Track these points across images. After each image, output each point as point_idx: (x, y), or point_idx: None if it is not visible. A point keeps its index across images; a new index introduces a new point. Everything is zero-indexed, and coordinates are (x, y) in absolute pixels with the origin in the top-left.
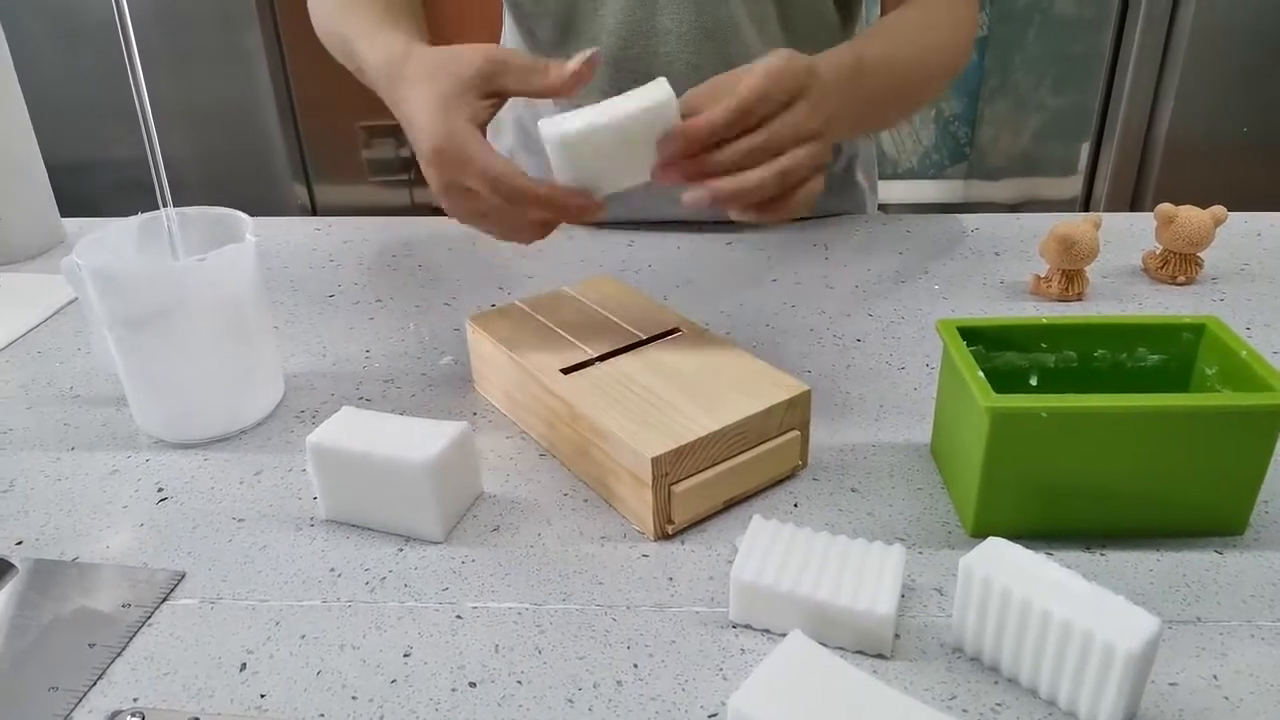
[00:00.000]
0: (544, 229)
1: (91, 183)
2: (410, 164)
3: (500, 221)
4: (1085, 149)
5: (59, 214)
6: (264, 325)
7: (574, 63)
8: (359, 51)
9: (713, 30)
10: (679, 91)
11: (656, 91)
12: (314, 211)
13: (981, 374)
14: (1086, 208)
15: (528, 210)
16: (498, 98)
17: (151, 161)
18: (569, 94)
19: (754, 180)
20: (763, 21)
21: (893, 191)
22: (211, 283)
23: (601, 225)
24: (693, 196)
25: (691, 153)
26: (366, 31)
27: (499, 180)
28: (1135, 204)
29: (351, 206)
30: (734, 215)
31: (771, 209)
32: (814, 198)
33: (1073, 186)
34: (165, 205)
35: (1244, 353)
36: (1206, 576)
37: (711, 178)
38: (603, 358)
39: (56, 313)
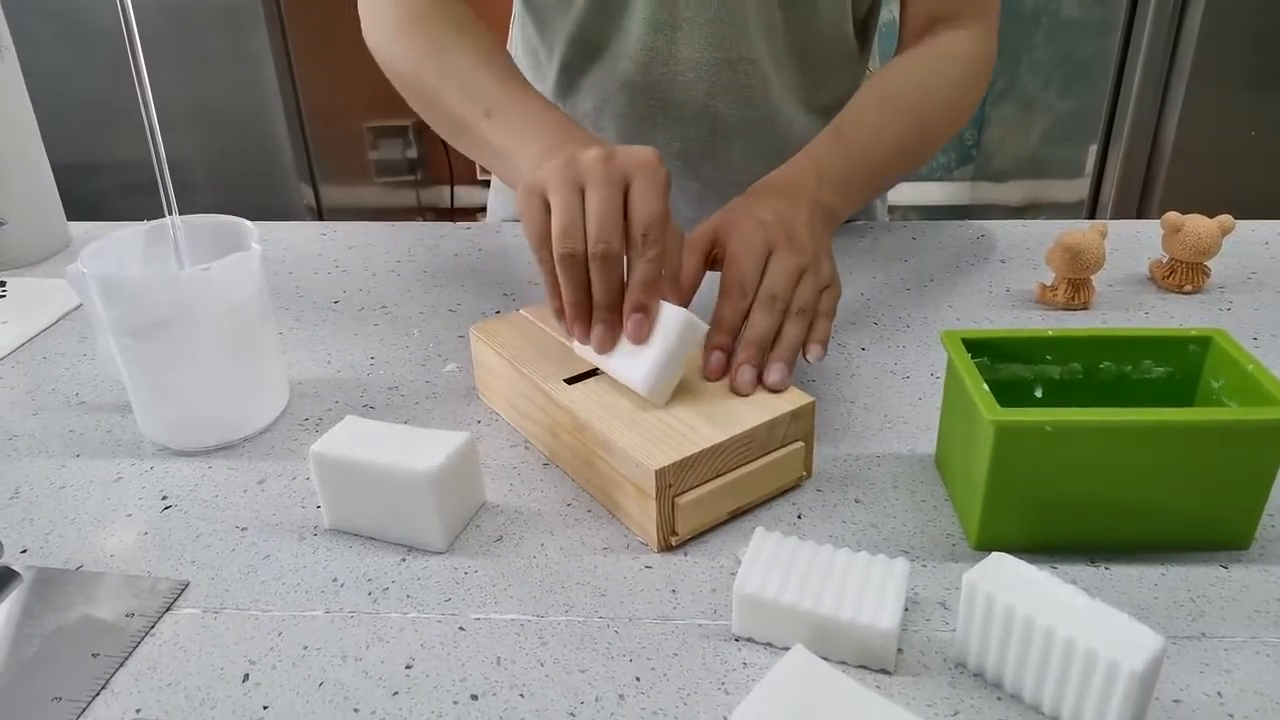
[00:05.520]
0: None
1: (99, 183)
2: (416, 165)
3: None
4: (1093, 152)
5: (65, 218)
6: (269, 333)
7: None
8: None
9: (732, 62)
10: (697, 124)
11: (687, 324)
12: (320, 212)
13: (986, 387)
14: (1094, 210)
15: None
16: None
17: (157, 170)
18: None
19: (787, 336)
20: (779, 56)
21: (899, 194)
22: (216, 291)
23: None
24: (745, 381)
25: (725, 347)
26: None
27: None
28: (1143, 206)
29: (358, 207)
30: (778, 377)
31: (807, 342)
32: (833, 310)
33: (1080, 189)
34: (171, 213)
35: (1250, 366)
36: (1211, 591)
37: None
38: None
39: (62, 318)
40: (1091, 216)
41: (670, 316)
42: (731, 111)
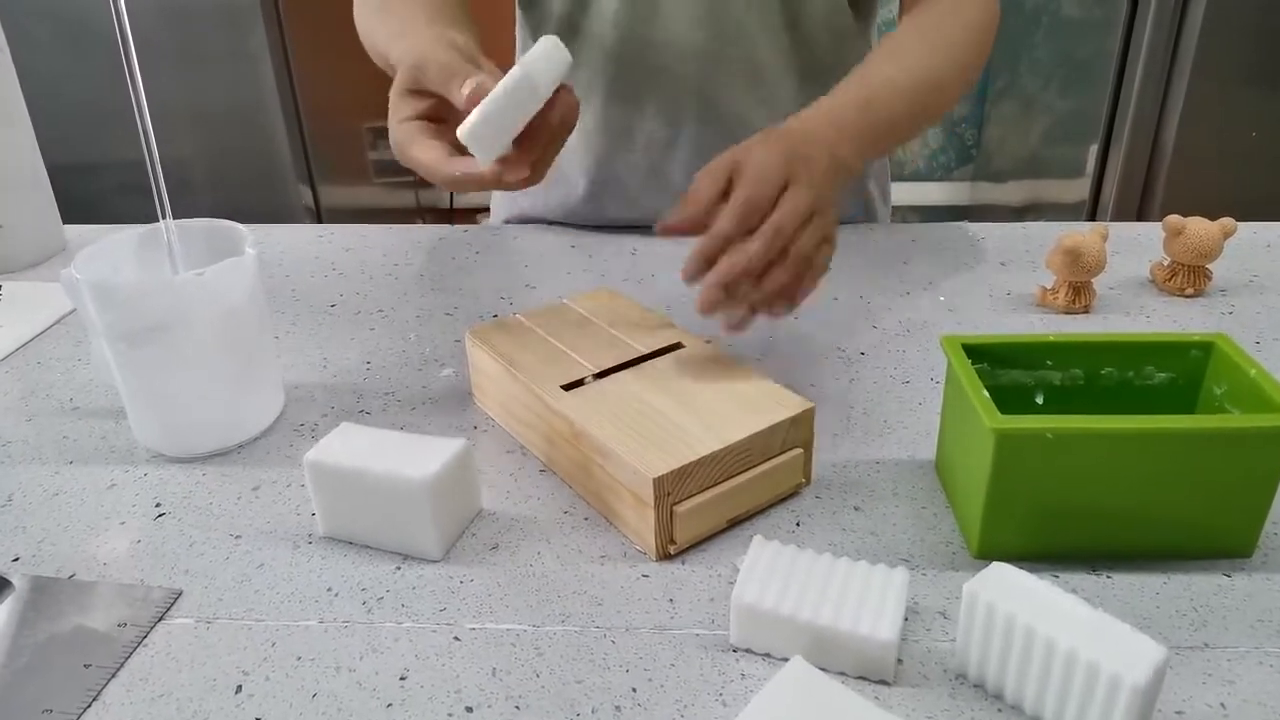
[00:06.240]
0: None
1: (98, 183)
2: None
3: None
4: (1093, 152)
5: (61, 221)
6: (264, 338)
7: (467, 87)
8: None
9: (718, 34)
10: (686, 95)
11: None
12: (318, 213)
13: (986, 393)
14: (1095, 210)
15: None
16: (433, 97)
17: (151, 173)
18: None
19: (771, 275)
20: (770, 26)
21: (899, 194)
22: (211, 296)
23: (604, 229)
24: (709, 301)
25: (712, 258)
26: (394, 36)
27: (430, 172)
28: (1144, 207)
29: (356, 208)
30: (739, 322)
31: (789, 293)
32: (823, 269)
33: (1080, 189)
34: (165, 218)
35: (1253, 372)
36: (1214, 600)
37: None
38: (604, 374)
39: (57, 322)
40: (1092, 217)
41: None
42: (722, 81)
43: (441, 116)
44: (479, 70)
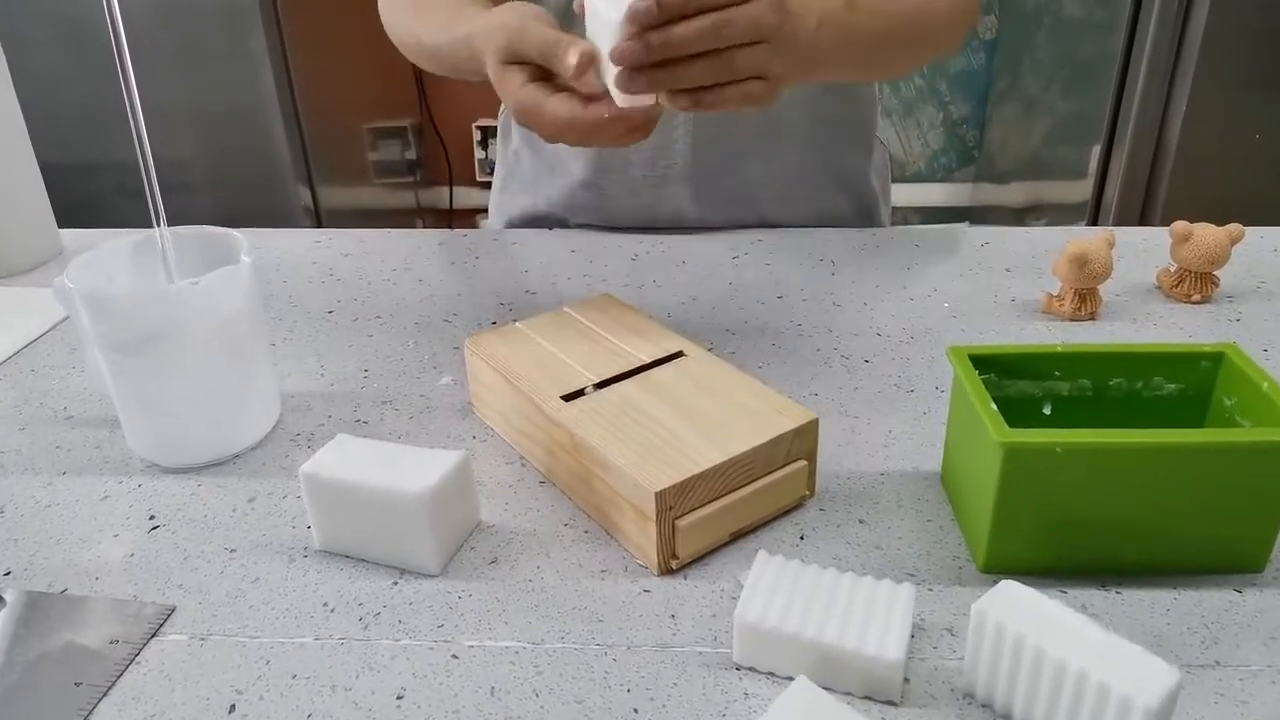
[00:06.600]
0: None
1: (98, 185)
2: (415, 166)
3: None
4: (1096, 153)
5: (56, 225)
6: (260, 347)
7: (573, 57)
8: (440, 49)
9: None
10: None
11: None
12: (318, 214)
13: (994, 406)
14: (1097, 212)
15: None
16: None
17: (146, 182)
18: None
19: (695, 66)
20: None
21: (900, 195)
22: (206, 306)
23: (605, 230)
24: (624, 55)
25: (653, 23)
26: (442, 29)
27: (574, 123)
28: (1146, 209)
29: (356, 209)
30: (665, 101)
31: (705, 97)
32: (754, 99)
33: (1083, 190)
34: (159, 225)
35: (1265, 384)
36: (1226, 617)
37: (659, 62)
38: (605, 383)
39: (52, 328)
40: (1095, 219)
41: None
42: None
43: (548, 75)
44: (566, 34)
